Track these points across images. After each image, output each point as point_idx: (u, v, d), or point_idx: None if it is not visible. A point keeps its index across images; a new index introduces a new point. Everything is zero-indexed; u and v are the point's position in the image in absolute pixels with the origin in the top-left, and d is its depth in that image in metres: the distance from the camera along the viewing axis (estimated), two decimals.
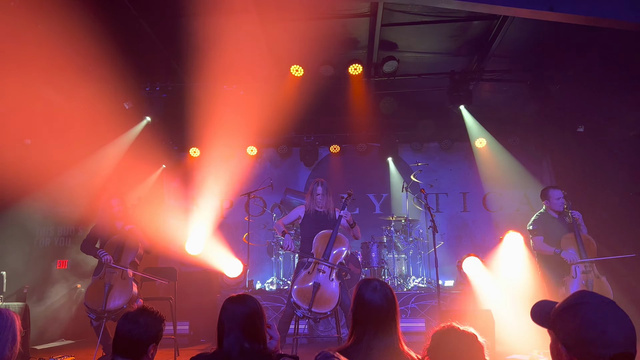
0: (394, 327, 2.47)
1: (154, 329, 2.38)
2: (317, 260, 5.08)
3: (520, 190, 9.49)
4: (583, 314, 1.36)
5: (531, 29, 6.51)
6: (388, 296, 2.48)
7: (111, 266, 5.33)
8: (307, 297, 4.91)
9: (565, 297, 4.41)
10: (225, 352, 2.29)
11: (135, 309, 2.47)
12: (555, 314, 1.45)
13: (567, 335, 1.38)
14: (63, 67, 7.36)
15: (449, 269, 8.76)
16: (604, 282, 5.27)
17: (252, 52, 7.47)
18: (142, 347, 2.34)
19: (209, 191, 9.85)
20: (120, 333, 2.35)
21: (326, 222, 5.41)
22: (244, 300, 2.43)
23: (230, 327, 2.32)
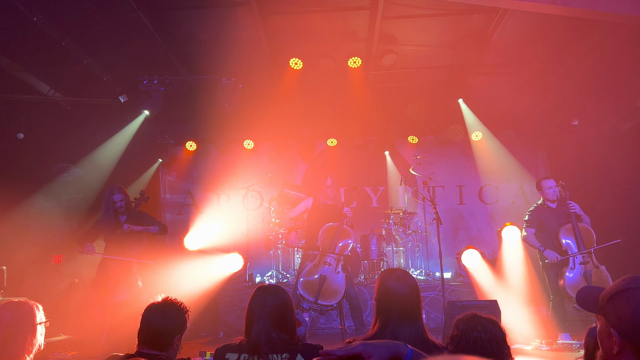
0: (418, 316, 2.49)
1: (179, 320, 2.40)
2: (323, 252, 5.11)
3: (516, 183, 9.59)
4: (635, 298, 1.39)
5: (530, 23, 6.55)
6: (411, 285, 2.51)
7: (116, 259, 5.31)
8: (314, 289, 4.94)
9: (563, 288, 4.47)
10: (254, 339, 2.31)
11: (160, 301, 2.47)
12: (605, 299, 1.47)
13: (620, 320, 1.40)
14: (60, 59, 7.29)
15: (446, 261, 8.82)
16: (603, 271, 5.36)
17: (251, 45, 7.43)
18: (168, 338, 2.35)
19: (205, 185, 9.82)
20: (147, 325, 2.35)
21: (334, 215, 5.44)
22: (276, 291, 2.45)
23: (259, 316, 2.33)
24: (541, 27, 6.71)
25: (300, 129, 9.61)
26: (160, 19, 6.75)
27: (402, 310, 2.43)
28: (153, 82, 7.43)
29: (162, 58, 7.41)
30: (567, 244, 5.55)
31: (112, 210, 5.63)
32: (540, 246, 5.65)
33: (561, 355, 4.93)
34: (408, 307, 2.44)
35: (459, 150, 9.74)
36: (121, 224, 5.63)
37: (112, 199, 5.63)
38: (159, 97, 7.46)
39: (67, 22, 6.55)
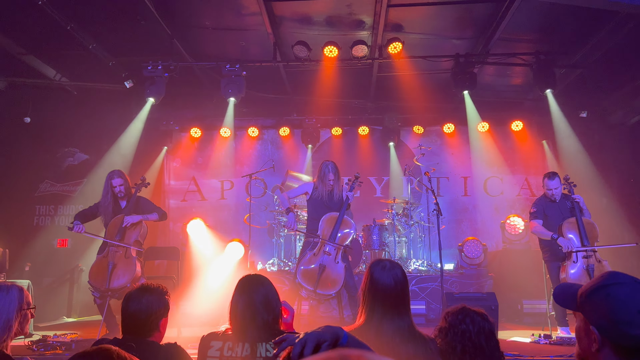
0: (404, 308, 2.45)
1: (159, 304, 2.37)
2: (323, 241, 5.09)
3: (522, 175, 9.51)
4: (615, 295, 1.36)
5: (539, 12, 6.44)
6: (397, 277, 2.47)
7: (114, 244, 5.34)
8: (313, 278, 4.94)
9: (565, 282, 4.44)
10: (239, 326, 2.31)
11: (135, 288, 2.45)
12: (584, 296, 1.44)
13: (599, 317, 1.37)
14: (66, 44, 7.29)
15: (449, 252, 8.79)
16: (606, 266, 5.30)
17: (255, 32, 7.39)
18: (152, 324, 2.34)
19: (209, 172, 9.84)
20: (126, 314, 2.33)
21: (333, 203, 5.41)
22: (259, 279, 2.45)
23: (244, 303, 2.33)
24: (550, 17, 6.60)
25: (305, 117, 9.56)
26: (165, 5, 6.72)
27: (386, 302, 2.40)
28: (157, 67, 7.40)
29: (167, 44, 7.39)
30: (571, 238, 5.48)
31: (110, 195, 5.64)
32: (553, 234, 5.51)
33: (558, 349, 4.90)
34: (393, 299, 2.40)
35: (464, 141, 9.65)
36: (121, 209, 5.64)
37: (111, 184, 5.63)
38: (163, 83, 7.43)
39: (72, 5, 6.55)
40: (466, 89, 7.52)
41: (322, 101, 9.03)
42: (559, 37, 7.06)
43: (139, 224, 5.53)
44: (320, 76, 8.16)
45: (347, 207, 5.34)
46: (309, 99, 9.10)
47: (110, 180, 5.65)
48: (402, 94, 8.66)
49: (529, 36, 7.21)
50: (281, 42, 7.58)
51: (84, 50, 7.40)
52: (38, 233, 8.88)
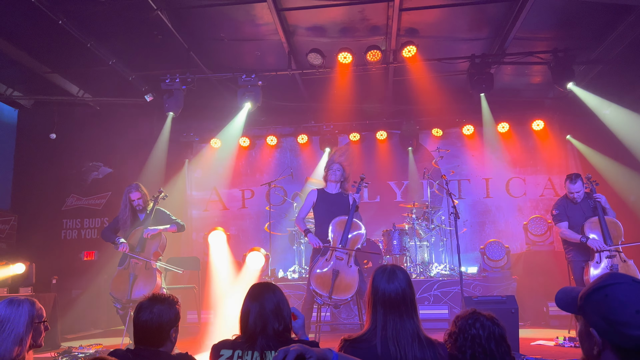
0: (408, 313, 2.43)
1: (170, 314, 2.41)
2: (333, 248, 5.08)
3: (544, 175, 9.33)
4: (614, 295, 1.33)
5: (555, 9, 6.35)
6: (401, 282, 2.45)
7: (135, 257, 5.44)
8: (327, 284, 4.93)
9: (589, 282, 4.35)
10: (250, 334, 2.32)
11: (147, 298, 2.49)
12: (583, 298, 1.42)
13: (598, 318, 1.35)
14: (87, 61, 7.49)
15: (472, 255, 8.69)
16: (631, 265, 5.17)
17: (269, 41, 7.47)
18: (164, 333, 2.38)
19: (230, 181, 9.95)
20: (139, 325, 2.38)
21: (340, 205, 5.38)
22: (270, 287, 2.47)
23: (255, 310, 2.35)
24: (565, 13, 6.50)
25: (322, 123, 9.60)
26: (180, 18, 6.86)
27: (388, 307, 2.39)
28: (175, 80, 7.53)
29: (184, 56, 7.52)
30: (593, 238, 5.36)
31: (129, 209, 5.74)
32: (582, 237, 5.39)
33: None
34: (395, 304, 2.39)
35: (484, 142, 9.53)
36: (140, 222, 5.74)
37: (129, 197, 5.73)
38: (181, 96, 7.56)
39: (91, 24, 6.74)
40: (483, 90, 7.43)
41: (339, 107, 9.04)
42: (576, 33, 6.93)
43: (158, 236, 5.62)
44: (336, 82, 8.18)
45: (355, 210, 5.31)
46: (326, 106, 9.13)
47: (129, 194, 5.75)
48: (419, 97, 8.61)
49: (545, 34, 7.10)
50: (296, 50, 7.63)
51: (104, 66, 7.59)
52: (65, 246, 9.11)
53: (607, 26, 6.71)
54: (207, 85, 8.33)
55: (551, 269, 7.02)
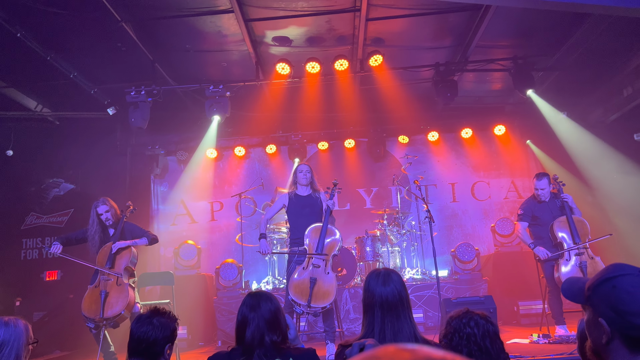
0: (404, 315, 2.46)
1: (168, 328, 2.37)
2: (309, 255, 5.08)
3: (508, 178, 9.61)
4: (622, 286, 1.38)
5: (514, 17, 6.58)
6: (396, 284, 2.49)
7: (105, 272, 5.28)
8: (305, 293, 4.92)
9: (559, 281, 4.48)
10: (247, 343, 2.29)
11: (147, 311, 2.45)
12: (591, 289, 1.47)
13: (607, 309, 1.40)
14: (46, 74, 7.26)
15: (442, 259, 8.79)
16: (599, 262, 5.38)
17: (237, 52, 7.45)
18: (159, 347, 2.33)
19: (198, 194, 9.80)
20: (136, 336, 2.33)
21: (313, 206, 5.41)
22: (267, 296, 2.44)
23: (253, 320, 2.32)
24: (524, 22, 6.75)
25: (290, 133, 9.61)
26: (145, 30, 6.75)
27: (384, 310, 2.42)
28: (140, 93, 7.38)
29: (149, 68, 7.39)
30: (562, 237, 5.57)
31: (97, 224, 5.57)
32: (531, 243, 5.71)
33: (558, 348, 4.93)
34: (390, 306, 2.42)
35: (449, 148, 9.77)
36: (109, 237, 5.58)
37: (97, 212, 5.56)
38: (147, 108, 7.41)
39: (51, 36, 6.55)
40: (448, 96, 7.62)
41: (307, 116, 9.08)
42: (534, 40, 7.21)
43: (128, 250, 5.47)
44: (304, 92, 8.23)
45: (329, 215, 5.35)
46: (294, 115, 9.15)
47: (96, 208, 5.58)
48: (385, 105, 8.75)
49: (505, 42, 7.35)
50: (263, 60, 7.63)
51: (65, 79, 7.37)
52: (26, 267, 8.74)
53: (563, 34, 7.01)
54: (172, 98, 8.21)
55: (520, 269, 7.23)
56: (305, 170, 5.60)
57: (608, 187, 7.94)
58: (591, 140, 8.19)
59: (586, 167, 8.24)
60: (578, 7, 4.85)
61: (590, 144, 8.16)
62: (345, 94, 8.37)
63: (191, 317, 7.29)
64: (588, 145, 8.18)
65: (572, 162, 8.33)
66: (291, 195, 5.58)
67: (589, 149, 8.20)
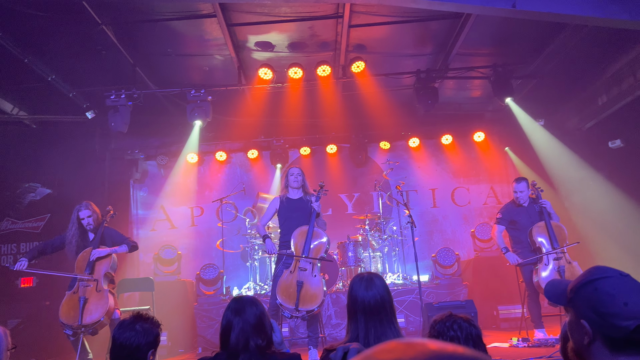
0: (387, 319, 2.46)
1: (152, 334, 2.34)
2: (297, 257, 5.07)
3: (487, 184, 9.75)
4: (603, 288, 1.41)
5: (494, 26, 6.70)
6: (379, 289, 2.49)
7: (85, 279, 5.19)
8: (292, 297, 4.91)
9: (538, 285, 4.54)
10: (232, 348, 2.28)
11: (130, 317, 2.42)
12: (574, 290, 1.50)
13: (589, 310, 1.43)
14: (23, 77, 7.13)
15: (422, 264, 8.87)
16: (576, 266, 5.48)
17: (219, 57, 7.42)
18: (142, 354, 2.30)
19: (178, 199, 9.70)
20: (118, 342, 2.30)
21: (305, 210, 5.39)
22: (252, 301, 2.43)
23: (237, 324, 2.31)
24: (504, 31, 6.87)
25: (272, 138, 9.60)
26: (126, 33, 6.68)
27: (367, 315, 2.42)
28: (120, 96, 7.30)
29: (129, 72, 7.32)
30: (541, 242, 5.66)
31: (75, 227, 5.48)
32: (504, 247, 5.82)
33: (538, 351, 5.00)
34: (374, 311, 2.42)
35: (430, 153, 9.88)
36: (89, 242, 5.49)
37: (78, 216, 5.47)
38: (127, 112, 7.33)
39: (29, 38, 6.44)
40: (429, 103, 7.71)
41: (289, 122, 9.09)
42: (513, 49, 7.35)
43: (108, 257, 5.39)
44: (286, 97, 8.25)
45: (316, 218, 5.34)
46: (276, 120, 9.15)
47: (78, 212, 5.49)
48: (367, 111, 8.81)
49: (485, 50, 7.48)
50: (246, 65, 7.63)
51: (42, 82, 7.24)
52: (0, 273, 8.51)
53: (541, 43, 7.15)
54: (153, 102, 8.12)
55: (499, 274, 7.31)
56: (297, 173, 5.57)
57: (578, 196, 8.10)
58: (563, 149, 8.39)
59: (558, 175, 8.40)
60: (556, 17, 4.96)
61: (562, 153, 8.34)
62: (328, 100, 8.40)
63: (171, 324, 7.19)
64: (560, 154, 8.37)
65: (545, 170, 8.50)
66: (282, 199, 5.55)
67: (561, 158, 8.38)
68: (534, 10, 4.90)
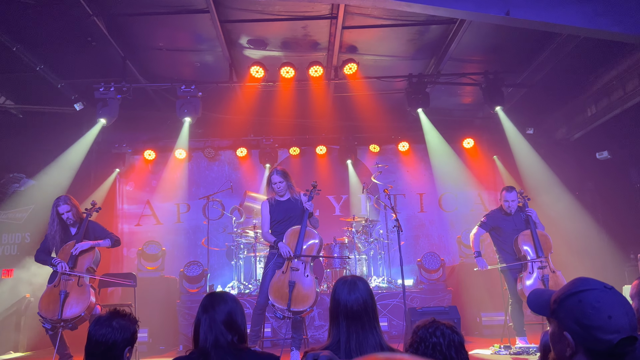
0: (370, 324, 2.44)
1: (128, 331, 2.30)
2: (289, 257, 5.03)
3: (474, 191, 9.78)
4: (588, 301, 1.40)
5: (487, 34, 6.72)
6: (362, 293, 2.47)
7: (67, 274, 5.10)
8: (285, 297, 4.87)
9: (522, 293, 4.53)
10: (201, 345, 2.25)
11: (106, 313, 2.37)
12: (557, 302, 1.48)
13: (572, 323, 1.41)
14: (11, 66, 7.02)
15: (407, 268, 8.84)
16: (559, 276, 5.50)
17: (211, 53, 7.37)
18: (118, 351, 2.25)
19: (164, 195, 9.62)
20: (94, 338, 2.25)
21: (294, 210, 5.33)
22: (223, 296, 2.39)
23: (206, 320, 2.28)
24: (496, 39, 6.90)
25: (262, 137, 9.55)
26: (117, 25, 6.60)
27: (349, 318, 2.40)
28: (109, 89, 7.21)
29: (119, 65, 7.24)
30: (526, 250, 5.67)
31: (57, 223, 5.37)
32: (477, 251, 5.82)
33: (519, 359, 5.02)
34: (356, 315, 2.40)
35: (419, 158, 9.89)
36: (71, 236, 5.41)
37: (57, 211, 5.36)
38: (116, 105, 7.25)
39: (18, 27, 6.33)
40: (419, 107, 7.71)
41: (280, 121, 9.06)
42: (505, 57, 7.38)
43: (91, 251, 5.31)
44: (278, 96, 8.21)
45: (308, 217, 5.29)
46: (266, 119, 9.11)
47: (56, 207, 5.37)
48: (358, 114, 8.81)
49: (478, 57, 7.50)
50: (237, 62, 7.58)
51: (30, 72, 7.13)
52: None
53: (533, 52, 7.20)
54: (141, 96, 8.04)
55: (484, 281, 7.32)
56: (278, 181, 5.35)
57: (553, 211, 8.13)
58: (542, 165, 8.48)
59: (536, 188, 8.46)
60: (548, 27, 4.99)
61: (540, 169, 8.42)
62: (319, 101, 8.39)
63: (153, 320, 7.11)
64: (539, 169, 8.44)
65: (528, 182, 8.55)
66: (271, 202, 5.46)
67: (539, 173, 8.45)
68: (527, 19, 4.92)
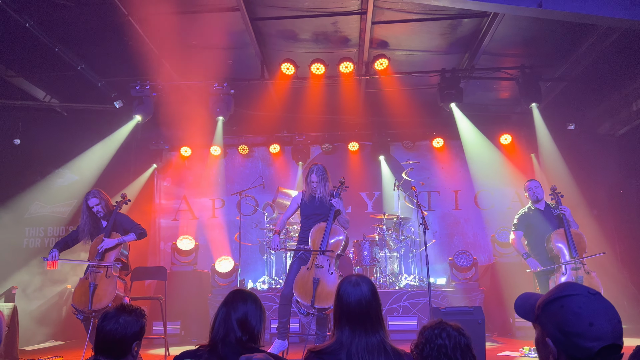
0: (372, 324, 2.41)
1: (135, 326, 2.35)
2: (314, 252, 5.02)
3: (512, 188, 9.49)
4: (569, 307, 1.34)
5: (522, 26, 6.50)
6: (363, 291, 2.44)
7: (95, 265, 5.28)
8: (309, 294, 4.87)
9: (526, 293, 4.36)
10: (212, 338, 2.29)
11: (113, 308, 2.43)
12: (540, 307, 1.43)
13: (554, 329, 1.36)
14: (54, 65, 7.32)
15: (441, 267, 8.76)
16: (594, 277, 5.29)
17: (242, 50, 7.45)
18: (126, 345, 2.31)
19: (200, 191, 9.82)
20: (102, 334, 2.31)
21: (324, 209, 5.30)
22: (245, 295, 2.44)
23: (222, 315, 2.33)
24: (532, 32, 6.67)
25: (295, 133, 9.60)
26: (151, 24, 6.75)
27: (352, 318, 2.37)
28: (145, 87, 7.43)
29: (155, 63, 7.42)
30: (559, 248, 5.47)
31: (87, 216, 5.57)
32: (524, 253, 5.63)
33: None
34: (359, 314, 2.37)
35: (454, 155, 9.70)
36: (102, 229, 5.59)
37: (87, 204, 5.56)
38: (151, 103, 7.46)
39: (59, 28, 6.60)
40: (453, 102, 7.55)
41: (312, 118, 9.07)
42: (542, 50, 7.13)
43: (117, 245, 5.45)
44: (309, 93, 8.22)
45: (334, 214, 5.24)
46: (299, 116, 9.13)
47: (87, 200, 5.57)
48: (390, 110, 8.71)
49: (513, 50, 7.27)
50: (268, 60, 7.64)
51: (72, 71, 7.41)
52: (27, 255, 8.80)
53: (571, 45, 6.92)
54: (177, 93, 8.22)
55: (517, 281, 7.11)
56: (315, 181, 5.30)
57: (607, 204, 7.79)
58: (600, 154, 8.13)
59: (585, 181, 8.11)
60: (582, 18, 4.78)
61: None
62: (350, 97, 8.34)
63: (185, 314, 7.30)
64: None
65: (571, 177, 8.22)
66: (304, 196, 5.45)
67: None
68: (560, 10, 4.73)
